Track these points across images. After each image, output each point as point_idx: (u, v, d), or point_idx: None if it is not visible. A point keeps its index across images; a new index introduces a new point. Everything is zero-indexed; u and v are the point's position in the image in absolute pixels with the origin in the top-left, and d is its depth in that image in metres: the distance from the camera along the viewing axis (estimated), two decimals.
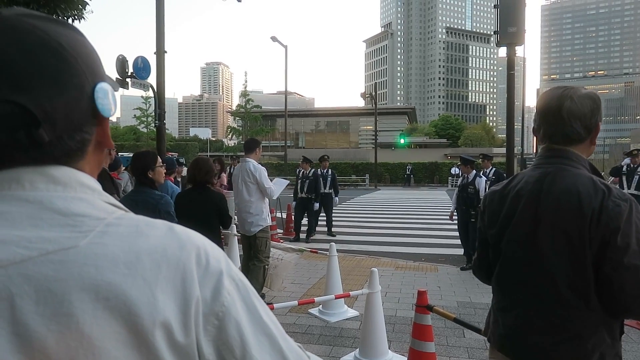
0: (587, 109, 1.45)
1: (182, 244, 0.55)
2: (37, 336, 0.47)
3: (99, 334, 0.48)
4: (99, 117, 0.58)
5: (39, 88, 0.52)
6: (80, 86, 0.55)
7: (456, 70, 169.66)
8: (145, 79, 8.74)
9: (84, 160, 0.58)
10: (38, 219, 0.52)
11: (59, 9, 7.37)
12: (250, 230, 4.96)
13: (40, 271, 0.48)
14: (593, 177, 1.41)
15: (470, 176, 6.96)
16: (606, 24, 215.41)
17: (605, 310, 1.37)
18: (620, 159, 11.17)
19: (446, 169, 34.75)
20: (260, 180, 4.90)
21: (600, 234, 1.32)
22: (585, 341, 1.37)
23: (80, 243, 0.51)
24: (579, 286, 1.36)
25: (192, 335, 0.53)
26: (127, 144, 46.32)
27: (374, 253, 8.25)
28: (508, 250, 1.52)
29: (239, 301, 0.56)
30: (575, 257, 1.36)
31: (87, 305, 0.48)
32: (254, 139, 5.44)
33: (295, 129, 68.69)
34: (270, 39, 25.18)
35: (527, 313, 1.46)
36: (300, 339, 4.06)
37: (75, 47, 0.56)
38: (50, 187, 0.54)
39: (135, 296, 0.50)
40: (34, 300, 0.47)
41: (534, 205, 1.45)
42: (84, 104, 0.56)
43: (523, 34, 6.76)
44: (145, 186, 3.14)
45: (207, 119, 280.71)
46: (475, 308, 4.98)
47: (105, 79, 0.60)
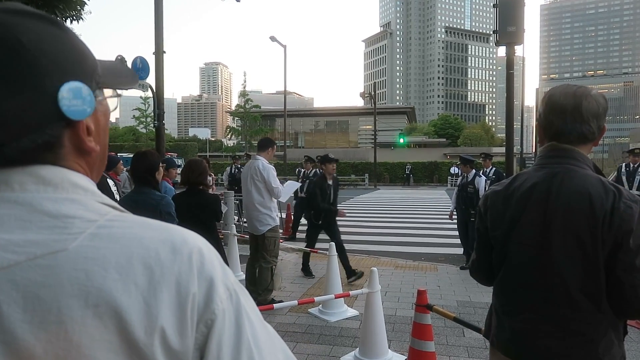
0: (601, 108, 1.43)
1: (176, 247, 0.53)
2: (24, 344, 0.45)
3: (89, 342, 0.46)
4: (68, 119, 0.53)
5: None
6: (38, 86, 0.51)
7: (455, 70, 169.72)
8: (144, 79, 8.73)
9: (63, 162, 0.55)
10: (27, 222, 0.50)
11: (57, 9, 7.36)
12: (259, 229, 4.88)
13: (27, 277, 0.47)
14: (601, 178, 1.39)
15: (470, 175, 6.96)
16: (605, 23, 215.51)
17: (615, 312, 1.36)
18: (619, 159, 11.13)
19: (445, 169, 34.77)
20: (268, 179, 4.83)
21: (612, 236, 1.30)
22: (597, 344, 1.35)
23: (70, 246, 0.49)
24: (590, 289, 1.34)
25: (188, 341, 0.50)
26: (126, 145, 46.30)
27: (373, 252, 8.25)
28: (515, 252, 1.48)
29: (229, 313, 0.53)
30: (587, 259, 1.33)
31: (76, 312, 0.46)
32: (269, 138, 5.35)
33: (295, 128, 68.69)
34: (269, 39, 25.13)
35: (536, 317, 1.43)
36: (300, 339, 4.06)
37: (42, 43, 0.52)
38: (40, 189, 0.52)
39: (127, 303, 0.48)
40: (21, 307, 0.46)
41: (543, 207, 1.41)
42: (44, 105, 0.51)
43: (522, 33, 6.76)
44: (147, 186, 3.08)
45: (206, 119, 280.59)
46: (475, 307, 4.98)
47: (86, 78, 0.55)
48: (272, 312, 4.52)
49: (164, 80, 8.71)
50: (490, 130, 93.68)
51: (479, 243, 1.64)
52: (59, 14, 7.39)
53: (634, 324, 4.22)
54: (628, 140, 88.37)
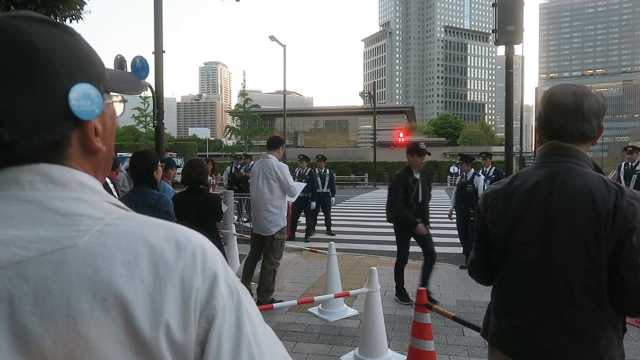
0: (601, 107, 1.44)
1: (180, 245, 0.54)
2: (35, 337, 0.47)
3: (97, 335, 0.48)
4: (77, 119, 0.56)
5: (0, 89, 0.51)
6: (49, 87, 0.53)
7: (455, 69, 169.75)
8: (143, 79, 8.72)
9: (68, 162, 0.57)
10: (37, 219, 0.51)
11: (57, 9, 7.36)
12: (269, 229, 4.78)
13: (38, 272, 0.48)
14: (602, 176, 1.40)
15: (469, 175, 6.97)
16: (604, 22, 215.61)
17: (617, 309, 1.36)
18: (619, 157, 11.12)
19: (445, 168, 34.76)
20: (284, 177, 4.75)
21: (615, 235, 1.30)
22: (597, 342, 1.35)
23: (78, 242, 0.50)
24: (592, 287, 1.34)
25: (191, 336, 0.52)
26: (125, 144, 46.25)
27: (373, 252, 8.25)
28: (516, 251, 1.47)
29: (229, 310, 0.55)
30: (590, 257, 1.33)
31: (85, 306, 0.48)
32: (279, 137, 5.25)
33: (294, 128, 68.62)
34: (268, 38, 25.15)
35: (537, 315, 1.43)
36: (299, 338, 4.06)
37: (52, 46, 0.54)
38: (49, 188, 0.54)
39: (133, 297, 0.49)
40: (32, 301, 0.47)
41: (545, 205, 1.41)
42: (55, 105, 0.54)
43: (521, 32, 6.77)
44: (145, 186, 3.09)
45: (206, 119, 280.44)
46: (475, 306, 4.99)
47: (94, 80, 0.58)
48: (272, 312, 4.52)
49: (163, 80, 8.71)
50: (489, 129, 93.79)
51: (478, 242, 1.64)
52: (59, 14, 7.39)
53: (634, 322, 4.23)
54: (627, 139, 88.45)
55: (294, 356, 3.71)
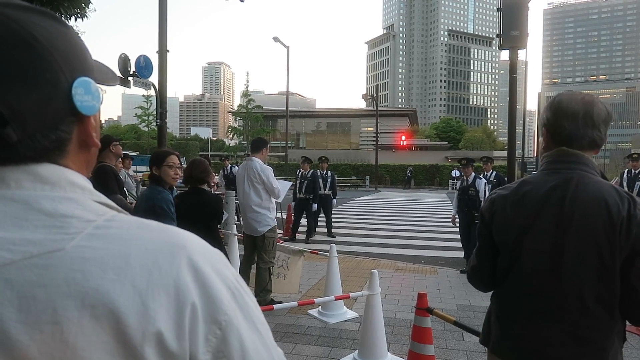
0: (609, 116, 1.45)
1: (175, 249, 0.52)
2: (19, 345, 0.44)
3: (85, 344, 0.45)
4: (79, 115, 0.54)
5: (5, 84, 0.48)
6: (54, 82, 0.51)
7: (458, 73, 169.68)
8: (147, 78, 8.75)
9: (65, 160, 0.54)
10: (23, 220, 0.48)
11: (62, 7, 7.39)
12: (258, 229, 4.83)
13: (23, 276, 0.46)
14: (613, 185, 1.40)
15: (470, 178, 6.97)
16: (608, 28, 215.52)
17: (627, 318, 1.36)
18: (621, 164, 11.10)
19: (447, 172, 34.77)
20: (268, 180, 4.77)
21: (630, 244, 1.30)
22: (607, 353, 1.34)
23: (67, 246, 0.48)
24: (604, 296, 1.33)
25: (186, 344, 0.49)
26: (128, 143, 46.36)
27: (373, 255, 8.24)
28: (526, 259, 1.44)
29: (238, 309, 0.53)
30: (604, 266, 1.32)
31: (73, 313, 0.45)
32: (262, 138, 5.22)
33: (296, 129, 68.72)
34: (272, 40, 25.19)
35: (546, 324, 1.40)
36: (299, 340, 4.06)
37: (52, 39, 0.51)
38: (37, 187, 0.51)
39: (124, 304, 0.47)
40: (16, 307, 0.45)
41: (557, 213, 1.39)
42: (59, 101, 0.51)
43: (526, 37, 6.75)
44: (152, 183, 3.25)
45: (208, 119, 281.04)
46: (475, 311, 4.98)
47: (89, 74, 0.55)
48: (272, 313, 4.51)
49: (166, 79, 8.73)
50: (492, 134, 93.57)
51: (481, 248, 1.60)
52: (64, 12, 7.42)
53: (634, 330, 4.21)
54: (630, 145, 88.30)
55: (293, 358, 3.70)
